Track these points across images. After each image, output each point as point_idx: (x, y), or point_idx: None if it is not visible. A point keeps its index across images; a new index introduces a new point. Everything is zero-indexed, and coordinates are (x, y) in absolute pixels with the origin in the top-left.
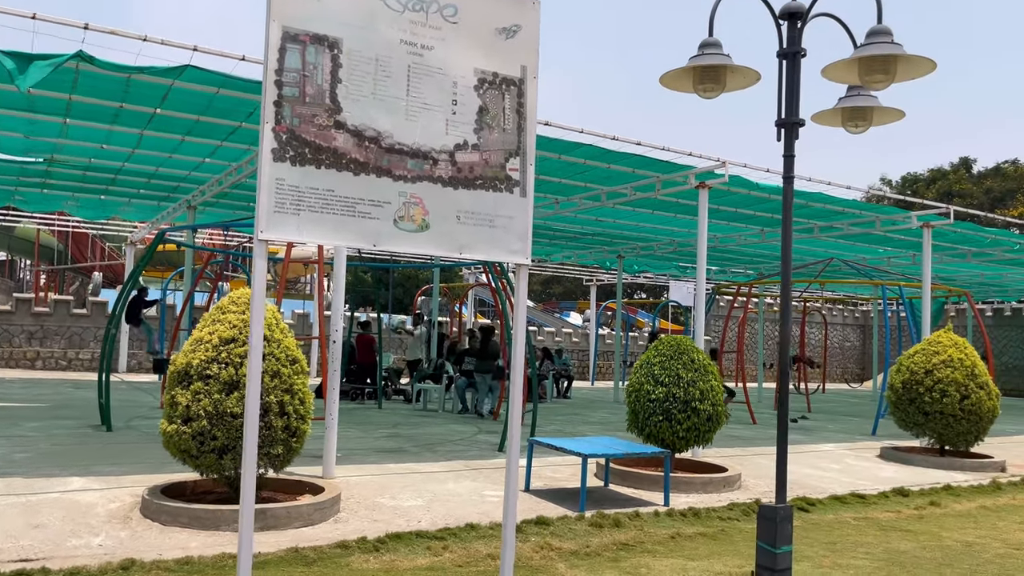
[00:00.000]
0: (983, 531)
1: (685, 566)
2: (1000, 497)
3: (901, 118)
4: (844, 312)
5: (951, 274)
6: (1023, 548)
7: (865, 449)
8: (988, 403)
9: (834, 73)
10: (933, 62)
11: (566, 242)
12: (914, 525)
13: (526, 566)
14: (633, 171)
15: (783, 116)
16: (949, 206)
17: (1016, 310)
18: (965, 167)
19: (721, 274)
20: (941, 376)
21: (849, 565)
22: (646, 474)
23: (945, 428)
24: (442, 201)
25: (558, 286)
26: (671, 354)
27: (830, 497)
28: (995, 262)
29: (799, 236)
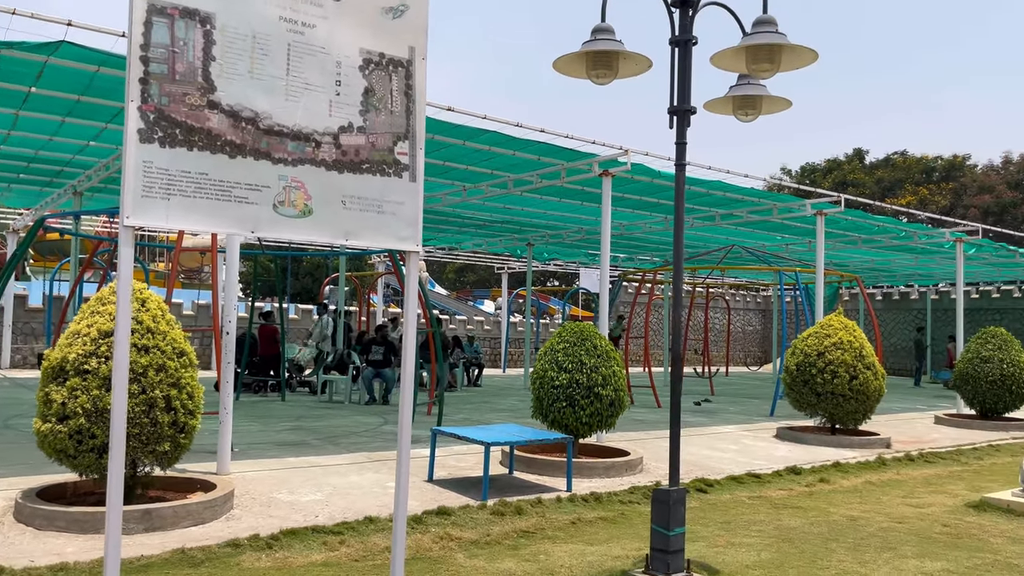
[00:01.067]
0: (868, 506)
1: (584, 551)
2: (885, 472)
3: (788, 107)
4: (747, 297)
5: (844, 260)
6: (904, 521)
7: (763, 430)
8: (875, 383)
9: (722, 61)
10: (815, 52)
11: (476, 230)
12: (804, 502)
13: (425, 558)
14: (539, 158)
15: (675, 104)
16: (840, 195)
17: (903, 294)
18: (859, 158)
19: (629, 261)
20: (832, 358)
21: (742, 543)
22: (550, 460)
23: (836, 407)
24: (326, 185)
25: (472, 274)
26: (574, 340)
27: (727, 477)
28: (884, 248)
29: (701, 224)
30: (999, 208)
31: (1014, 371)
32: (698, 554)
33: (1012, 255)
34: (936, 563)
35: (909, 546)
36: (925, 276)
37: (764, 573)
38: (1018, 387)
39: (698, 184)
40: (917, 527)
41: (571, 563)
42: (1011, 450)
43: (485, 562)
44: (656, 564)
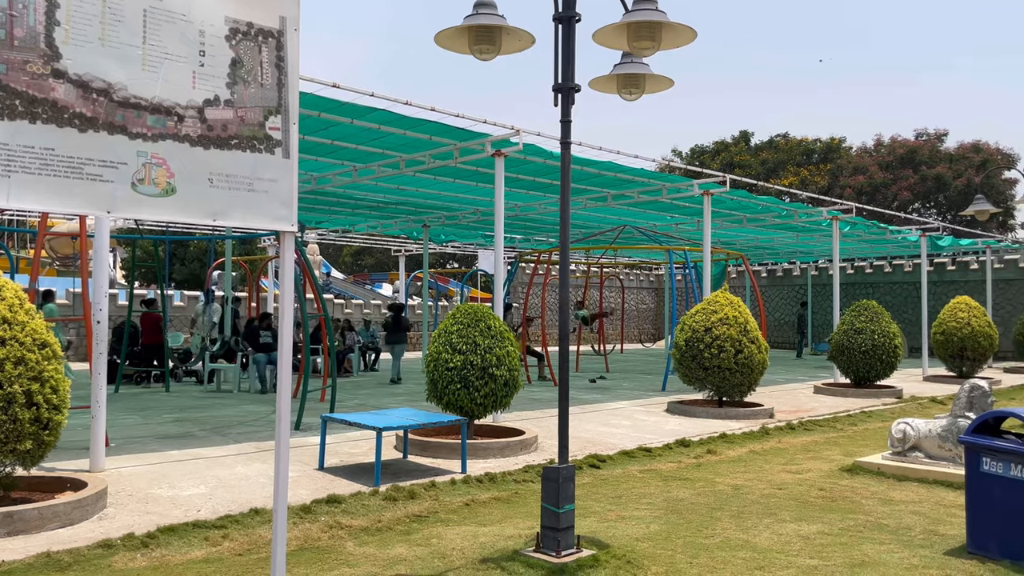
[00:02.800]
0: (751, 474)
1: (476, 532)
2: (767, 441)
3: (671, 86)
4: (640, 276)
5: (731, 238)
6: (784, 487)
7: (655, 404)
8: (759, 356)
9: (604, 38)
10: (694, 31)
11: (370, 211)
12: (692, 473)
13: (313, 547)
14: (430, 138)
15: (559, 81)
16: (726, 175)
17: (786, 271)
18: (744, 140)
19: (526, 243)
20: (719, 333)
21: (632, 516)
22: (446, 443)
23: (722, 381)
24: (191, 162)
25: (369, 257)
26: (468, 322)
27: (620, 452)
28: (768, 227)
29: (594, 204)
30: (872, 188)
31: (884, 341)
32: (589, 529)
33: (883, 232)
34: (813, 526)
35: (788, 511)
36: (806, 253)
37: (652, 545)
38: (888, 356)
39: (590, 165)
40: (796, 492)
41: (463, 545)
42: (882, 416)
43: (375, 549)
44: (547, 542)
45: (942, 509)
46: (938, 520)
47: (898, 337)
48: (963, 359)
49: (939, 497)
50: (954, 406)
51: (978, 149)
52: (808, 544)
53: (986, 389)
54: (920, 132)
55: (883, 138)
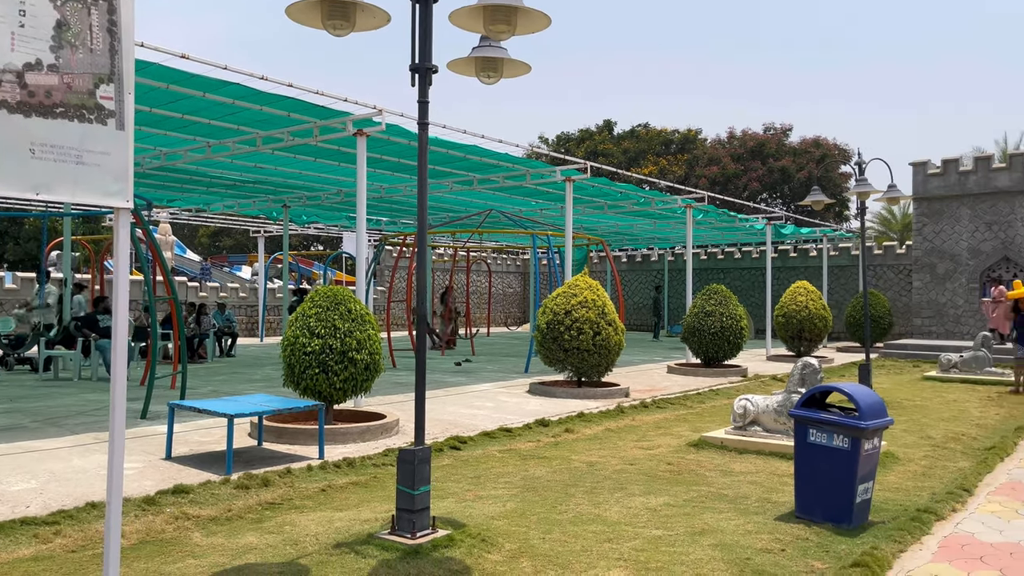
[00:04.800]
0: (606, 451)
1: (332, 517)
2: (622, 419)
3: (528, 71)
4: (507, 260)
5: (593, 224)
6: (636, 463)
7: (517, 386)
8: (616, 338)
9: (460, 20)
10: (548, 18)
11: (226, 190)
12: (550, 452)
13: (157, 540)
14: (289, 115)
15: (416, 61)
16: (587, 163)
17: (644, 256)
18: (608, 129)
19: (392, 225)
20: (578, 316)
21: (490, 496)
22: (303, 429)
23: (581, 362)
24: (8, 130)
25: (228, 238)
26: (327, 305)
27: (481, 433)
28: (627, 213)
29: (460, 188)
30: (724, 178)
31: (732, 323)
32: (446, 510)
33: (732, 220)
34: (660, 498)
35: (638, 485)
36: (663, 239)
37: (507, 522)
38: (735, 337)
39: (455, 148)
40: (646, 467)
41: (318, 531)
42: (728, 393)
43: (224, 539)
44: (402, 524)
45: (776, 478)
46: (772, 489)
47: (744, 319)
48: (801, 339)
49: (774, 467)
50: (789, 383)
51: (818, 144)
52: (655, 515)
53: (816, 366)
54: (768, 126)
55: (735, 131)
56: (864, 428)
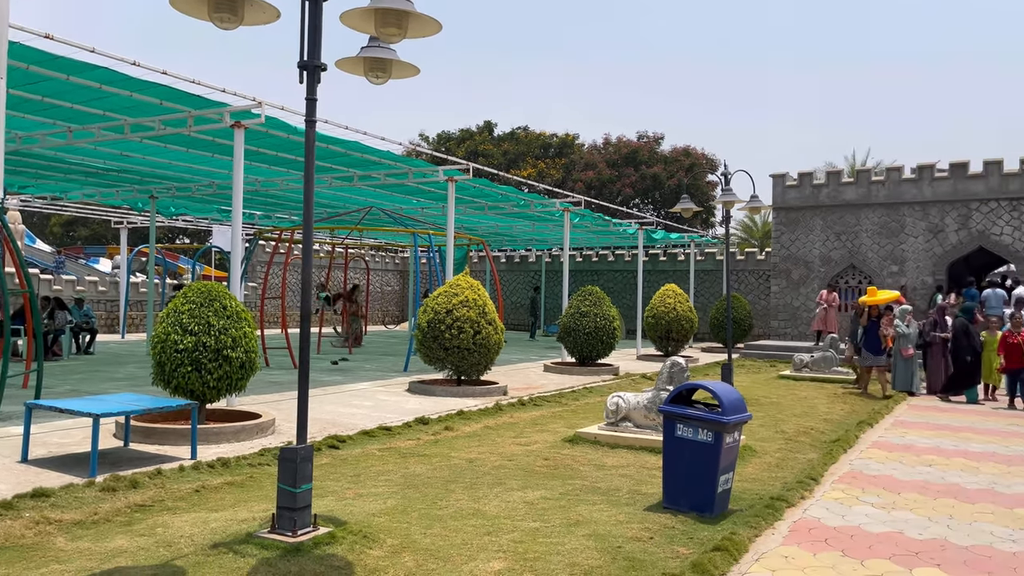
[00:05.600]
0: (485, 448)
1: (207, 519)
2: (501, 417)
3: (416, 74)
4: (386, 258)
5: (473, 224)
6: (514, 458)
7: (396, 385)
8: (496, 337)
9: (351, 20)
10: (438, 24)
11: (87, 178)
12: (430, 449)
13: (15, 546)
14: (161, 103)
15: (305, 58)
16: (470, 163)
17: (523, 257)
18: (488, 130)
19: (266, 219)
20: (459, 315)
21: (370, 493)
22: (174, 429)
23: (461, 360)
24: None
25: (84, 229)
26: (201, 301)
27: (360, 432)
28: (507, 215)
29: (340, 184)
30: (600, 183)
31: (605, 324)
32: (327, 508)
33: (607, 224)
34: (537, 492)
35: (516, 480)
36: (541, 241)
37: (389, 519)
38: (608, 337)
39: (336, 144)
40: (523, 463)
41: (192, 532)
42: (601, 391)
43: (91, 543)
44: (282, 522)
45: (646, 471)
46: (642, 481)
47: (617, 320)
48: (669, 340)
49: (644, 461)
50: (658, 380)
51: (688, 153)
52: (532, 509)
53: (683, 365)
54: (641, 134)
55: (611, 137)
56: (726, 423)
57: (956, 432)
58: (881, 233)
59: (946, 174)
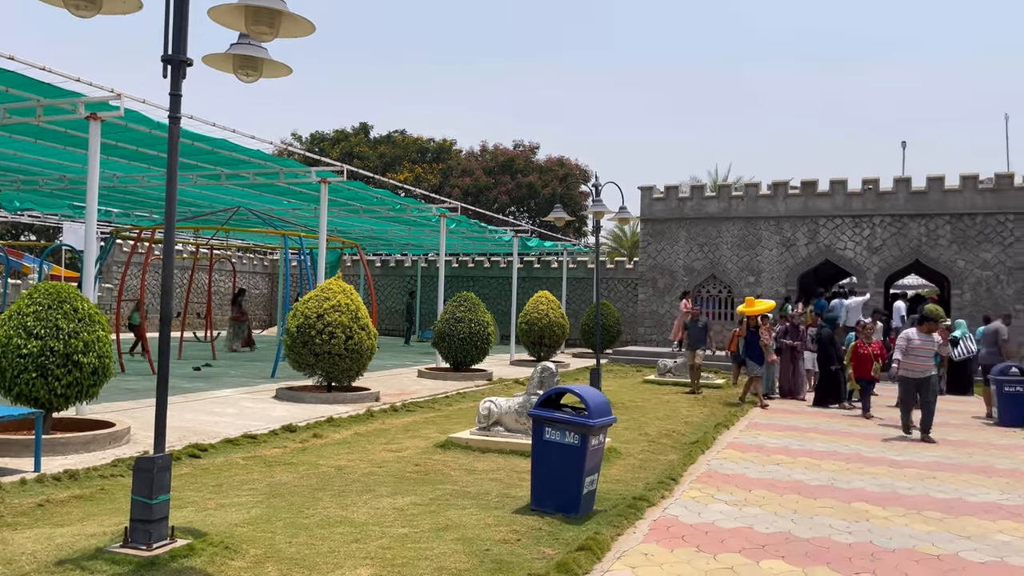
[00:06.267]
0: (355, 454)
1: (52, 534)
2: (372, 423)
3: (289, 73)
4: (254, 260)
5: (347, 227)
6: (384, 465)
7: (263, 391)
8: (368, 342)
9: (221, 16)
10: (312, 25)
11: None
12: (297, 457)
13: None
14: (7, 90)
15: (169, 52)
16: (344, 165)
17: (399, 262)
18: (364, 132)
19: (125, 217)
20: (330, 320)
21: (233, 503)
22: (15, 439)
23: (332, 366)
24: None
25: None
26: (49, 303)
27: (223, 441)
28: (382, 219)
29: (206, 182)
30: (477, 190)
31: (479, 329)
32: (185, 520)
33: (483, 231)
34: (407, 498)
35: (386, 486)
36: (417, 246)
37: (252, 529)
38: (482, 343)
39: (202, 140)
40: (394, 469)
41: (35, 549)
42: (475, 396)
43: None
44: (136, 536)
45: (516, 475)
46: (511, 484)
47: (491, 326)
48: (542, 345)
49: (514, 465)
50: (529, 385)
51: (562, 164)
52: (401, 515)
53: (553, 370)
54: (518, 143)
55: (488, 145)
56: (592, 426)
57: (803, 433)
58: (740, 245)
59: (798, 191)
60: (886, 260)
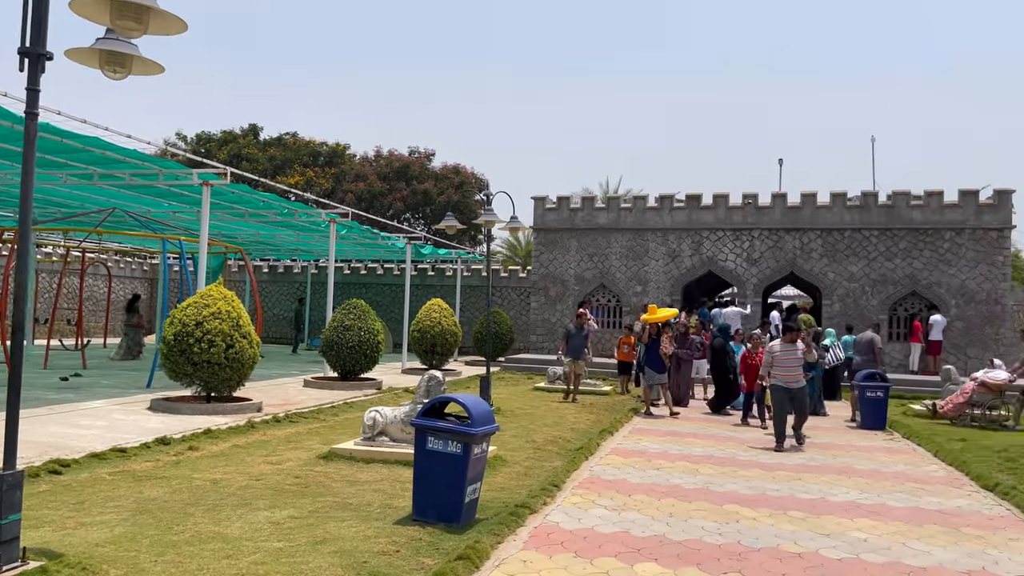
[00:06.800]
0: (232, 467)
1: None
2: (253, 435)
3: (161, 71)
4: (132, 264)
5: (233, 232)
6: (263, 478)
7: (137, 403)
8: (250, 351)
9: (83, 9)
10: (184, 23)
11: None
12: (170, 471)
13: None
14: None
15: (27, 44)
16: (227, 168)
17: (288, 268)
18: (254, 133)
19: None
20: (210, 327)
21: (95, 522)
22: None
23: (211, 376)
24: None
25: None
26: None
27: (88, 455)
28: (270, 223)
29: (78, 182)
30: (371, 195)
31: (369, 337)
32: (42, 540)
33: (376, 237)
34: (284, 511)
35: (263, 500)
36: (307, 252)
37: (115, 548)
38: (371, 351)
39: (72, 138)
40: (273, 482)
41: None
42: (363, 406)
43: None
44: None
45: (399, 485)
46: (394, 495)
47: (381, 334)
48: (434, 353)
49: (398, 475)
50: (416, 394)
51: (458, 171)
52: (277, 529)
53: (440, 379)
54: (413, 149)
55: (383, 150)
56: (474, 434)
57: (682, 438)
58: (628, 256)
59: (683, 205)
60: (764, 272)
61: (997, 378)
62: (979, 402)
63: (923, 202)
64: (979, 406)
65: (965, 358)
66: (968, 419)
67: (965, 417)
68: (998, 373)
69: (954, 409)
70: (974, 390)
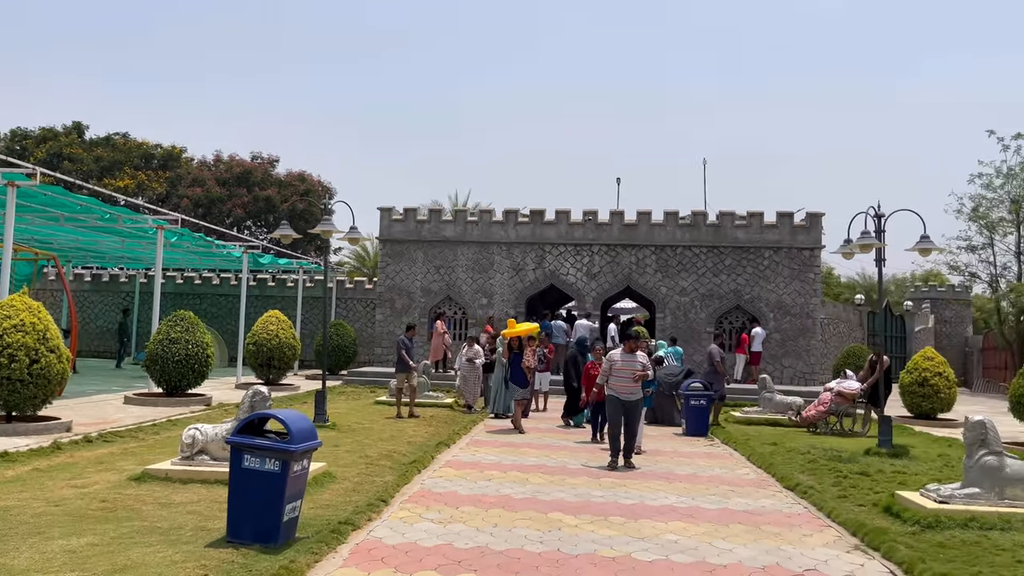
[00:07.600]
0: (29, 493)
1: None
2: (58, 457)
3: None
4: None
5: (48, 237)
6: (63, 503)
7: None
8: (59, 366)
9: None
10: None
11: None
12: None
13: None
14: None
15: None
16: (37, 168)
17: (114, 276)
18: (78, 132)
19: None
20: (11, 341)
21: None
22: None
23: (12, 394)
24: None
25: None
26: None
27: None
28: (90, 228)
29: None
30: (209, 201)
31: (198, 351)
32: None
33: (210, 246)
34: (84, 539)
35: (60, 527)
36: (135, 260)
37: None
38: (200, 366)
39: None
40: (74, 507)
41: None
42: (187, 423)
43: None
44: None
45: (216, 506)
46: (210, 517)
47: (212, 347)
48: (271, 367)
49: (216, 495)
50: (239, 410)
51: (303, 179)
52: (73, 557)
53: (265, 394)
54: (256, 155)
55: (222, 155)
56: (293, 451)
57: (517, 448)
58: (474, 268)
59: (528, 219)
60: (603, 286)
61: (851, 388)
62: (837, 411)
63: (746, 222)
64: (836, 415)
65: (781, 367)
66: (829, 427)
67: (824, 425)
68: (851, 383)
69: (816, 416)
70: (832, 399)
